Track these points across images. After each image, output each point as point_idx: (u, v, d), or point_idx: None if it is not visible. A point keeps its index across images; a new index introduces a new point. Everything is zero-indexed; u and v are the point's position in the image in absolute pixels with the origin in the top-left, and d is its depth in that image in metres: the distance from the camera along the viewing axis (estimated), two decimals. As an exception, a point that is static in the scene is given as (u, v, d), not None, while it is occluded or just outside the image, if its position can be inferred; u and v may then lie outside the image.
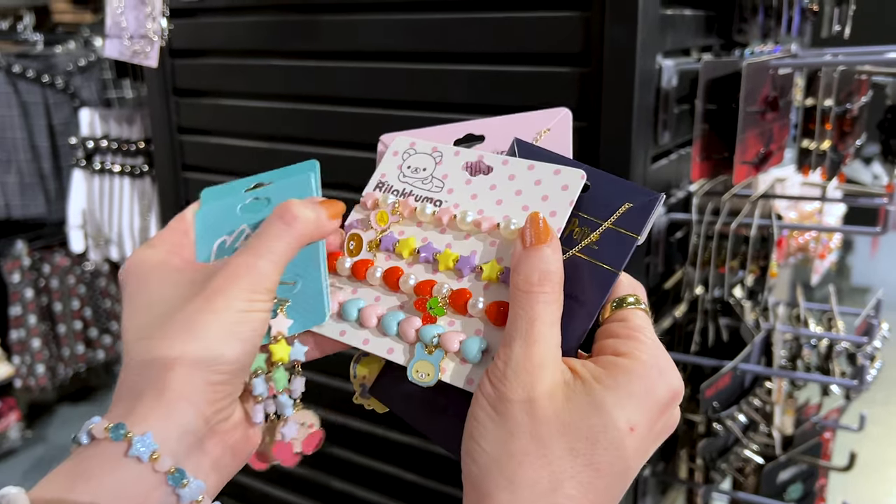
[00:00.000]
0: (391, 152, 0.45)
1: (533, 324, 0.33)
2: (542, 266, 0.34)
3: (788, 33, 0.92)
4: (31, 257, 2.20)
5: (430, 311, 0.38)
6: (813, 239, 1.07)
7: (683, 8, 0.83)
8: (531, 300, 0.34)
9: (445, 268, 0.39)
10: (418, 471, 1.00)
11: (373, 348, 0.39)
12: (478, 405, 0.33)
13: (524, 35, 0.78)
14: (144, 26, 0.84)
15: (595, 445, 0.31)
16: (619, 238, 0.37)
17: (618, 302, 0.36)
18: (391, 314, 0.39)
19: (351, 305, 0.40)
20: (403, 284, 0.40)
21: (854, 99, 0.85)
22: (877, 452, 2.10)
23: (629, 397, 0.32)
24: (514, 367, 0.32)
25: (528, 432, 0.31)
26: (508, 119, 0.44)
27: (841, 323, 0.97)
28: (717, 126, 0.77)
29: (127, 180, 1.14)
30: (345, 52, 0.90)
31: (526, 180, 0.40)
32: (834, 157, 0.84)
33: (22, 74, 2.06)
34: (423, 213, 0.41)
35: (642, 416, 0.32)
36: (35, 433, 2.35)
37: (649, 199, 0.37)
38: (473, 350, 0.36)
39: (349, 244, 0.42)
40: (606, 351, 0.34)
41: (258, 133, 1.00)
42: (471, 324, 0.38)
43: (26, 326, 2.20)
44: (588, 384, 0.32)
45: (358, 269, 0.41)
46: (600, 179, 0.38)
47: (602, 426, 0.31)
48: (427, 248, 0.40)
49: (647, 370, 0.33)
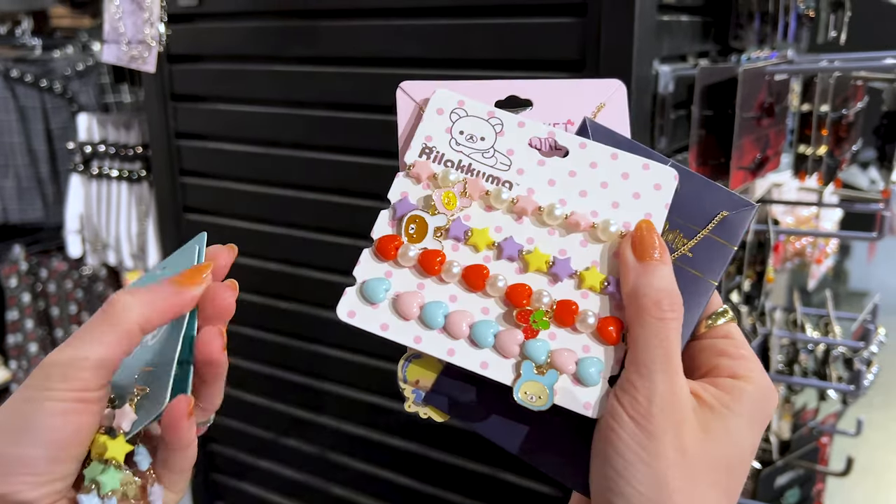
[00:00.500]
0: (434, 109, 0.37)
1: (671, 355, 0.32)
2: (667, 286, 0.33)
3: (785, 39, 0.92)
4: (28, 262, 2.20)
5: (534, 325, 0.34)
6: (810, 244, 1.07)
7: (680, 14, 0.83)
8: (665, 328, 0.32)
9: (536, 269, 0.35)
10: (415, 475, 1.00)
11: (461, 361, 0.35)
12: (623, 444, 0.31)
13: (522, 41, 0.78)
14: (142, 32, 0.84)
15: (731, 474, 0.31)
16: (716, 247, 0.35)
17: (715, 315, 0.35)
18: (485, 324, 0.35)
19: (434, 309, 0.35)
20: (491, 286, 0.35)
21: (850, 105, 0.85)
22: (875, 457, 2.10)
23: (756, 422, 0.32)
24: (660, 405, 0.31)
25: (681, 473, 0.30)
26: (557, 84, 0.38)
27: (838, 328, 0.97)
28: (713, 132, 0.77)
29: (125, 185, 1.14)
30: (342, 58, 0.90)
31: (611, 171, 0.36)
32: (830, 162, 0.85)
33: (20, 79, 2.06)
34: (499, 199, 0.36)
35: (760, 436, 0.33)
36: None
37: (746, 207, 0.35)
38: (594, 374, 0.33)
39: (409, 227, 0.36)
40: (722, 372, 0.33)
41: (256, 138, 1.01)
42: (576, 340, 0.34)
43: (23, 331, 2.20)
44: (718, 412, 0.32)
45: (428, 261, 0.35)
46: (689, 180, 0.36)
47: (738, 456, 0.32)
48: (510, 245, 0.35)
49: (765, 392, 0.33)
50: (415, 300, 0.35)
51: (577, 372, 0.34)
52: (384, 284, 0.36)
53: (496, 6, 0.79)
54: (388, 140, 0.89)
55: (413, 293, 0.35)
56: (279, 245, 1.02)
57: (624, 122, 0.38)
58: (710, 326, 0.35)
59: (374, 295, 0.36)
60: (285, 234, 1.01)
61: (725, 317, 0.35)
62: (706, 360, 0.34)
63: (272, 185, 1.01)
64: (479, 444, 0.93)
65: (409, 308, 0.35)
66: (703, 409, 0.32)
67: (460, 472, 0.95)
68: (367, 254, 0.37)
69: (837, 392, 0.92)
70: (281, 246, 1.02)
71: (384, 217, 0.37)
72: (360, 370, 0.99)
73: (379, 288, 0.36)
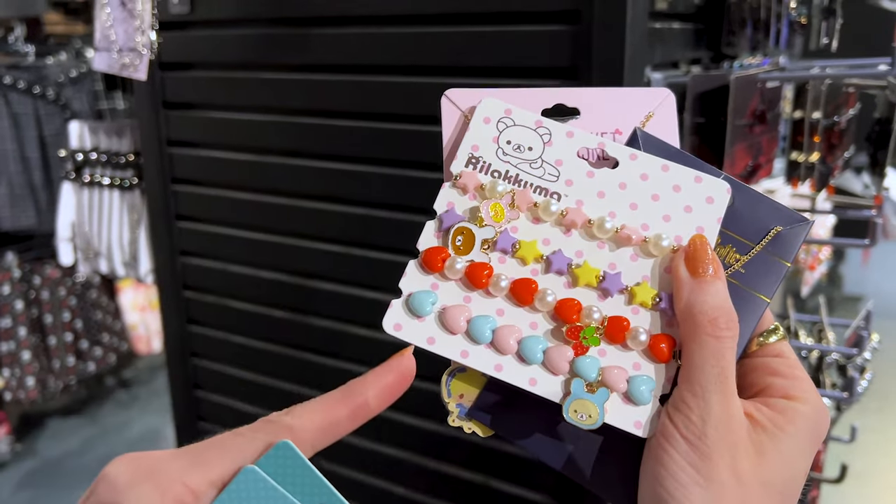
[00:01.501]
0: (481, 118, 0.37)
1: (727, 375, 0.31)
2: (722, 304, 0.32)
3: (777, 46, 0.92)
4: (21, 269, 2.19)
5: (584, 342, 0.34)
6: (803, 250, 1.07)
7: (672, 21, 0.84)
8: (722, 347, 0.31)
9: (586, 284, 0.34)
10: (409, 485, 0.99)
11: (509, 377, 0.34)
12: (676, 465, 0.30)
13: (514, 49, 0.78)
14: (134, 39, 0.84)
15: (785, 497, 0.31)
16: (770, 263, 0.34)
17: (766, 333, 0.35)
18: (533, 339, 0.34)
19: (482, 323, 0.34)
20: (540, 301, 0.34)
21: (842, 111, 0.85)
22: (871, 461, 2.10)
23: (809, 444, 0.32)
24: (715, 425, 0.30)
25: (736, 496, 0.30)
26: (604, 92, 0.38)
27: (831, 334, 0.97)
28: (705, 139, 0.77)
29: (116, 193, 1.14)
30: (334, 66, 0.90)
31: (662, 184, 0.35)
32: (822, 169, 0.85)
33: (13, 86, 2.06)
34: (548, 211, 0.35)
35: (812, 457, 0.32)
36: (25, 446, 2.33)
37: (801, 223, 0.34)
38: (645, 393, 0.33)
39: (455, 239, 0.35)
40: (775, 393, 0.33)
41: (248, 146, 1.00)
42: (626, 357, 0.34)
43: (16, 339, 2.19)
44: (773, 435, 0.31)
45: (475, 274, 0.35)
46: (745, 195, 0.35)
47: (792, 479, 0.31)
48: (559, 258, 0.35)
49: (819, 414, 0.32)
50: (462, 314, 0.35)
51: (629, 390, 0.33)
52: (431, 297, 0.35)
53: (488, 14, 0.79)
54: (379, 147, 0.89)
55: (460, 307, 0.35)
56: (272, 253, 1.02)
57: (673, 132, 0.38)
58: (762, 344, 0.34)
59: (420, 308, 0.35)
60: (278, 242, 1.01)
61: (777, 334, 0.35)
62: (758, 380, 0.33)
63: (264, 192, 1.00)
64: (471, 453, 0.93)
65: (455, 322, 0.35)
66: (757, 430, 0.31)
67: (453, 480, 0.94)
68: (413, 266, 0.36)
69: (831, 399, 0.91)
70: (273, 254, 1.01)
71: (430, 228, 0.36)
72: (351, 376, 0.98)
73: (426, 301, 0.35)
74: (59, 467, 2.22)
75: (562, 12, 0.75)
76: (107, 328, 2.43)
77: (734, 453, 0.30)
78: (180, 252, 1.09)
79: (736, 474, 0.30)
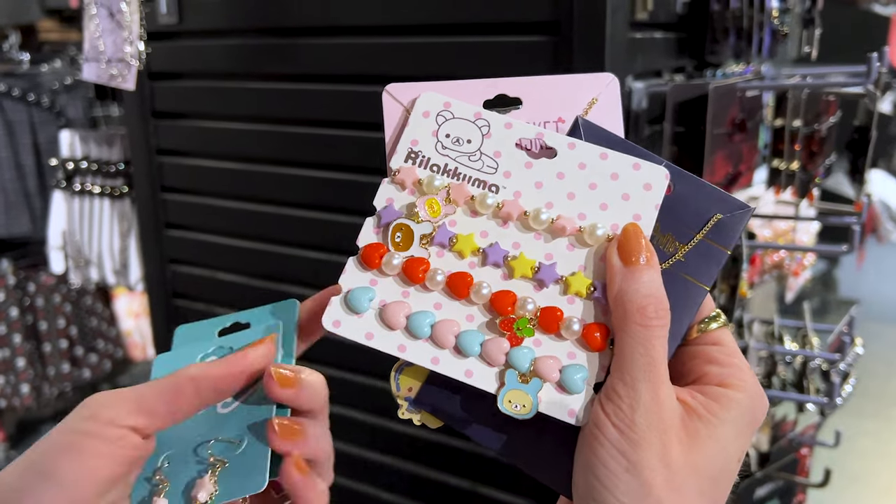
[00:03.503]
0: (420, 112, 0.37)
1: (656, 364, 0.31)
2: (653, 292, 0.32)
3: (760, 54, 0.93)
4: (16, 276, 2.20)
5: (518, 333, 0.34)
6: (787, 256, 1.08)
7: (654, 31, 0.84)
8: (650, 336, 0.31)
9: (521, 275, 0.34)
10: (395, 490, 1.00)
11: (446, 370, 0.34)
12: (606, 453, 0.31)
13: (496, 59, 0.79)
14: (122, 50, 0.84)
15: (718, 483, 0.31)
16: (710, 251, 0.34)
17: (706, 321, 0.34)
18: (471, 333, 0.34)
19: (421, 319, 0.34)
20: (476, 294, 0.34)
21: (822, 119, 0.86)
22: (866, 465, 2.11)
23: (743, 431, 0.32)
24: (645, 413, 0.30)
25: (665, 482, 0.30)
26: (547, 81, 0.37)
27: (816, 339, 0.98)
28: (685, 148, 0.78)
29: (107, 202, 1.14)
30: (321, 75, 0.91)
31: (600, 172, 0.35)
32: (803, 176, 0.85)
33: (7, 93, 2.06)
34: (484, 204, 0.35)
35: (748, 444, 0.32)
36: (20, 453, 2.33)
37: (741, 210, 0.34)
38: (578, 382, 0.33)
39: (395, 236, 0.36)
40: (711, 380, 0.33)
41: (236, 155, 1.01)
42: (561, 347, 0.34)
43: (11, 346, 2.19)
44: (707, 421, 0.31)
45: (412, 269, 0.35)
46: (686, 182, 0.35)
47: (725, 464, 0.31)
48: (495, 251, 0.35)
49: (755, 400, 0.32)
50: (402, 310, 0.35)
51: (561, 379, 0.33)
52: (369, 294, 0.35)
53: (470, 24, 0.80)
54: (366, 156, 0.90)
55: (400, 303, 0.35)
56: (260, 261, 1.02)
57: (617, 117, 0.37)
58: (702, 331, 0.34)
59: (358, 305, 0.35)
60: (266, 249, 1.01)
61: (718, 321, 0.35)
62: (696, 367, 0.34)
63: (253, 201, 1.01)
64: (458, 459, 0.93)
65: (395, 318, 0.35)
66: (692, 417, 0.31)
67: (440, 486, 0.95)
68: (353, 263, 0.36)
69: (815, 405, 0.92)
70: (262, 261, 1.02)
71: (369, 225, 0.36)
72: (341, 384, 0.99)
73: (363, 297, 0.35)
74: (54, 474, 2.22)
75: (542, 23, 0.76)
76: (102, 335, 2.43)
77: (664, 440, 0.30)
78: (170, 260, 1.10)
79: (665, 461, 0.30)
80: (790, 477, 0.97)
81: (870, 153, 0.80)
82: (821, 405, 0.88)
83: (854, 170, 0.85)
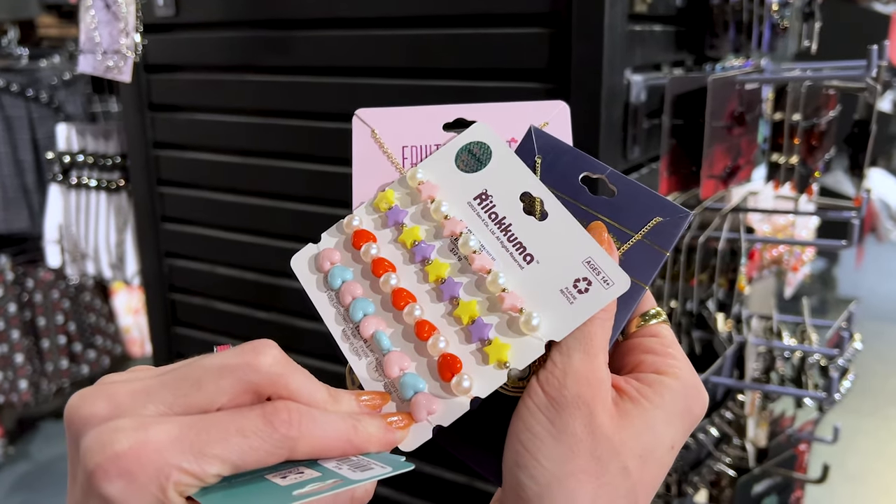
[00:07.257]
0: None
1: (591, 339, 0.32)
2: None
3: (760, 48, 0.93)
4: (14, 272, 2.19)
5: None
6: (786, 251, 1.08)
7: (653, 24, 0.84)
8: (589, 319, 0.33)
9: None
10: (392, 485, 0.99)
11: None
12: (532, 418, 0.31)
13: (494, 51, 0.78)
14: (118, 42, 0.84)
15: (645, 464, 0.31)
16: (648, 252, 0.36)
17: (646, 316, 0.36)
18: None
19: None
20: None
21: (822, 113, 0.86)
22: (865, 463, 2.10)
23: (677, 418, 0.32)
24: (575, 379, 0.31)
25: (589, 451, 0.30)
26: (500, 107, 0.41)
27: (814, 335, 0.97)
28: (684, 141, 0.78)
29: (103, 195, 1.14)
30: (318, 68, 0.91)
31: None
32: (802, 171, 0.85)
33: (6, 88, 2.06)
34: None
35: (682, 433, 0.32)
36: (18, 449, 2.33)
37: (680, 215, 0.36)
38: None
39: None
40: (646, 368, 0.34)
41: (233, 148, 1.01)
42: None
43: (9, 341, 2.19)
44: (638, 402, 0.32)
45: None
46: (628, 188, 0.37)
47: (653, 445, 0.31)
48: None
49: (689, 389, 0.33)
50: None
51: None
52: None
53: (468, 16, 0.79)
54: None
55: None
56: (257, 254, 1.02)
57: (567, 138, 0.40)
58: (641, 325, 0.36)
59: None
60: (263, 243, 1.01)
61: (658, 318, 0.36)
62: (633, 358, 0.34)
63: (250, 194, 1.01)
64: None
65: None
66: (624, 399, 0.32)
67: (436, 480, 0.95)
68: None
69: (813, 400, 0.92)
70: (259, 255, 1.02)
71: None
72: (337, 379, 0.99)
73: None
74: (52, 471, 2.22)
75: (540, 14, 0.75)
76: (100, 331, 2.43)
77: (592, 409, 0.30)
78: (166, 254, 1.09)
79: (590, 429, 0.30)
80: (788, 473, 0.97)
81: (869, 147, 0.80)
82: (819, 400, 0.87)
83: (854, 164, 0.85)
